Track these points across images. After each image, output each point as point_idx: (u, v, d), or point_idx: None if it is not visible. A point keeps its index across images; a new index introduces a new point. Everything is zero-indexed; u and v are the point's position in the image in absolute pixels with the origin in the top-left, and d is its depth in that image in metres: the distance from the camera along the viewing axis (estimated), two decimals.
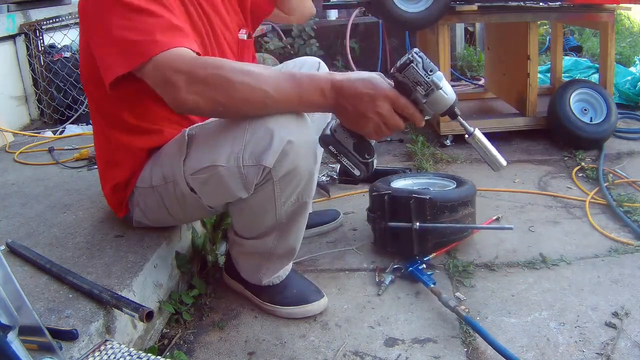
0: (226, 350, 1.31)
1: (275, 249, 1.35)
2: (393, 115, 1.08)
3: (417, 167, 2.37)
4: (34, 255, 1.30)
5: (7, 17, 3.00)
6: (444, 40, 2.55)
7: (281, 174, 1.16)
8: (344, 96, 1.07)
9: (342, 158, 1.15)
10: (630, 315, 1.34)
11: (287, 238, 1.33)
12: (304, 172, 1.19)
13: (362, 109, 1.07)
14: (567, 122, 2.47)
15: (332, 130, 1.14)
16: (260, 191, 1.20)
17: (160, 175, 1.30)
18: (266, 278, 1.41)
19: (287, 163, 1.14)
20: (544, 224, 1.85)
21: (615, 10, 2.57)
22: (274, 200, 1.22)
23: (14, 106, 3.06)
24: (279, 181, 1.18)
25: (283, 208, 1.24)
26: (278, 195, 1.21)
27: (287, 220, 1.28)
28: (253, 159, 1.14)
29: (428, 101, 1.08)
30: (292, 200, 1.23)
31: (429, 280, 1.48)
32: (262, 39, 4.79)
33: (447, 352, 1.26)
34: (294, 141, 1.13)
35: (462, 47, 4.49)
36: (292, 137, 1.12)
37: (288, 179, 1.18)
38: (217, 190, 1.21)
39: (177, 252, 1.47)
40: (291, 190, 1.21)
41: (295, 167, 1.16)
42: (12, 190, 1.87)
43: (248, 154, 1.14)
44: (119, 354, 1.01)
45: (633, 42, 4.71)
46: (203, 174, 1.20)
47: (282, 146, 1.12)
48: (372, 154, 1.15)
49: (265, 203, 1.23)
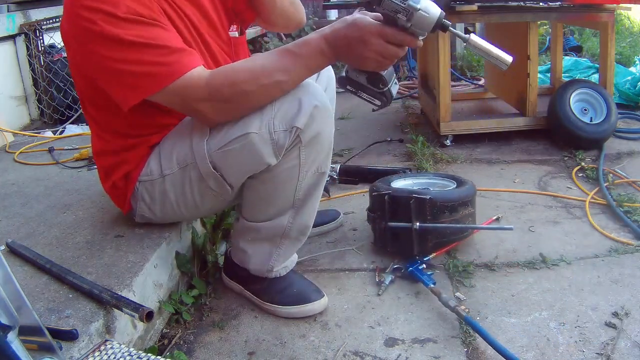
0: (226, 350, 1.31)
1: (290, 229, 1.36)
2: (387, 46, 1.14)
3: (417, 167, 2.37)
4: (34, 255, 1.30)
5: (7, 17, 3.00)
6: (444, 40, 2.55)
7: (308, 137, 1.22)
8: (339, 47, 1.17)
9: (361, 93, 1.24)
10: (630, 315, 1.34)
11: (302, 214, 1.35)
12: (326, 139, 1.27)
13: (357, 52, 1.15)
14: (567, 122, 2.47)
15: (346, 72, 1.24)
16: (287, 157, 1.24)
17: (173, 161, 1.30)
18: (276, 266, 1.41)
19: (314, 127, 1.22)
20: (544, 224, 1.85)
21: (615, 10, 2.57)
22: (299, 168, 1.26)
23: (14, 106, 3.06)
24: (305, 146, 1.24)
25: (305, 179, 1.29)
26: (302, 162, 1.26)
27: (304, 195, 1.32)
28: (284, 124, 1.20)
29: (412, 24, 1.13)
30: (313, 169, 1.29)
31: (429, 280, 1.48)
32: (262, 39, 4.79)
33: (447, 352, 1.26)
34: (319, 105, 1.21)
35: (462, 47, 4.49)
36: (317, 102, 1.21)
37: (313, 144, 1.24)
38: (246, 159, 1.24)
39: (177, 252, 1.48)
40: (314, 157, 1.27)
41: (319, 132, 1.24)
42: (12, 190, 1.87)
43: (278, 121, 1.20)
44: (119, 354, 1.01)
45: (633, 42, 4.71)
46: (233, 145, 1.22)
47: (310, 109, 1.19)
48: (386, 83, 1.23)
49: (290, 171, 1.27)
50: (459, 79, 3.98)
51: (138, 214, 1.42)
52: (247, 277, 1.46)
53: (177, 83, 1.14)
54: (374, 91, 1.24)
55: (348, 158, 2.53)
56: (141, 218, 1.43)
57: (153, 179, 1.33)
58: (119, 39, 1.11)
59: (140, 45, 1.12)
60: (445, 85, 2.60)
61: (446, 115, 2.64)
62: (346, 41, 1.15)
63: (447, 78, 2.61)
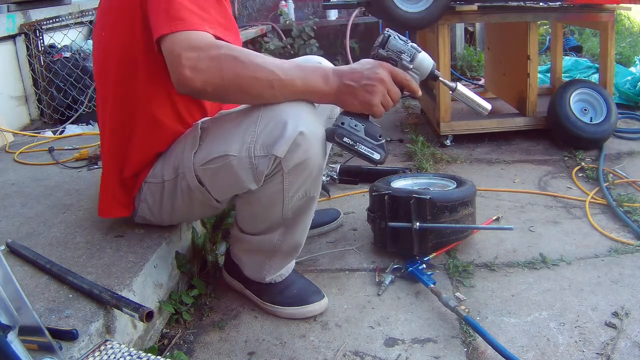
0: (226, 350, 1.31)
1: (281, 246, 1.35)
2: (393, 85, 1.16)
3: (417, 167, 2.37)
4: (34, 255, 1.30)
5: (7, 17, 3.00)
6: (444, 40, 2.55)
7: (292, 165, 1.16)
8: (345, 76, 1.15)
9: (359, 146, 1.19)
10: (630, 315, 1.34)
11: (293, 234, 1.33)
12: (314, 165, 1.19)
13: (365, 80, 1.14)
14: (567, 122, 2.48)
15: (340, 123, 1.18)
16: (269, 183, 1.20)
17: (171, 168, 1.30)
18: (269, 275, 1.41)
19: (299, 154, 1.15)
20: (544, 224, 1.85)
21: (615, 10, 2.57)
22: (282, 193, 1.22)
23: (14, 106, 3.06)
24: (288, 173, 1.18)
25: (290, 203, 1.24)
26: (287, 188, 1.21)
27: (293, 215, 1.28)
28: (265, 149, 1.15)
29: (414, 66, 1.18)
30: (299, 194, 1.23)
31: (429, 280, 1.48)
32: (262, 39, 4.79)
33: (447, 352, 1.26)
34: (305, 132, 1.13)
35: (462, 47, 4.49)
36: (304, 127, 1.13)
37: (298, 171, 1.18)
38: (227, 181, 1.22)
39: (177, 252, 1.48)
40: (300, 183, 1.21)
41: (306, 159, 1.17)
42: (12, 190, 1.87)
43: (260, 145, 1.15)
44: (119, 354, 1.01)
45: (633, 42, 4.71)
46: (214, 164, 1.20)
47: (294, 136, 1.13)
48: (382, 134, 1.21)
49: (273, 196, 1.23)
50: (459, 79, 3.98)
51: (139, 215, 1.42)
52: (247, 277, 1.46)
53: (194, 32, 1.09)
54: (372, 144, 1.19)
55: (348, 158, 2.53)
56: (141, 219, 1.43)
57: (156, 182, 1.34)
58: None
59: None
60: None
61: (446, 115, 2.64)
62: (354, 70, 1.15)
63: (447, 78, 2.60)
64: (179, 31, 1.08)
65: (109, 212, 1.42)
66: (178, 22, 1.08)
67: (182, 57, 1.06)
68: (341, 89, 1.15)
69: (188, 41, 1.07)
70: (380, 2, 2.39)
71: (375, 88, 1.14)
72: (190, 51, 1.07)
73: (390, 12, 2.38)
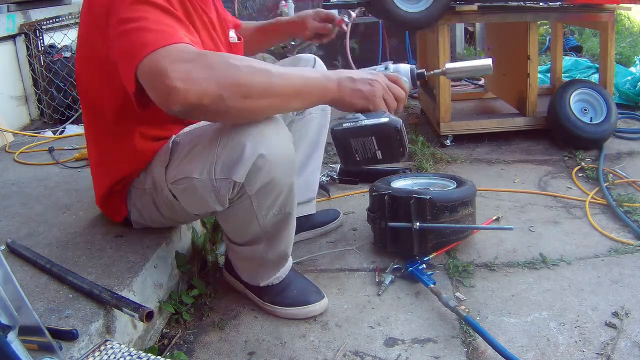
0: (226, 350, 1.31)
1: (267, 256, 1.35)
2: (391, 83, 1.16)
3: (417, 167, 2.37)
4: (34, 255, 1.30)
5: (7, 17, 3.00)
6: (444, 40, 2.55)
7: (256, 188, 1.15)
8: (344, 72, 1.14)
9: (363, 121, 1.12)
10: (630, 315, 1.34)
11: (276, 246, 1.32)
12: (283, 184, 1.17)
13: (364, 76, 1.14)
14: (567, 122, 2.47)
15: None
16: (238, 205, 1.19)
17: (150, 179, 1.30)
18: (264, 281, 1.41)
19: (262, 177, 1.13)
20: (544, 224, 1.85)
21: (615, 10, 2.57)
22: (254, 214, 1.21)
23: (14, 106, 3.06)
24: (255, 195, 1.16)
25: (266, 219, 1.23)
26: (257, 208, 1.20)
27: (273, 229, 1.27)
28: (225, 172, 1.12)
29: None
30: (274, 211, 1.22)
31: (429, 280, 1.47)
32: None
33: (447, 352, 1.26)
34: (266, 154, 1.10)
35: (462, 47, 4.49)
36: (264, 150, 1.10)
37: (265, 192, 1.17)
38: (195, 201, 1.21)
39: (177, 252, 1.47)
40: (271, 202, 1.19)
41: (271, 180, 1.14)
42: (12, 190, 1.87)
43: (220, 167, 1.12)
44: (119, 354, 1.01)
45: (633, 42, 4.71)
46: (180, 185, 1.20)
47: (253, 160, 1.10)
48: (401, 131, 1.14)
49: (245, 215, 1.22)
50: (459, 79, 3.97)
51: (133, 220, 1.43)
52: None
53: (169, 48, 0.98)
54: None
55: None
56: (136, 224, 1.44)
57: (141, 189, 1.34)
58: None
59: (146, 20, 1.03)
60: (445, 85, 2.60)
61: (446, 115, 2.64)
62: (350, 71, 1.15)
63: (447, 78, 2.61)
64: (157, 49, 0.97)
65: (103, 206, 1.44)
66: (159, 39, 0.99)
67: (169, 69, 0.95)
68: (342, 82, 1.12)
69: (172, 54, 0.97)
70: (380, 2, 2.39)
71: (375, 83, 1.14)
72: (178, 62, 0.96)
73: (390, 12, 2.38)
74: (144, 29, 1.01)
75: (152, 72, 0.97)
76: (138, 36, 1.00)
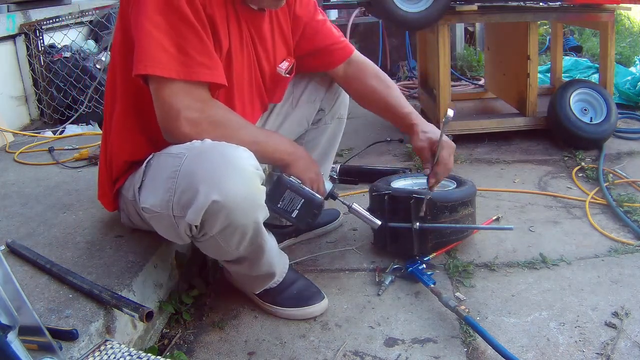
0: (226, 350, 1.31)
1: (252, 273, 1.34)
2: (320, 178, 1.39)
3: (417, 167, 2.37)
4: (34, 255, 1.30)
5: (7, 17, 3.00)
6: (444, 40, 2.55)
7: (216, 230, 1.12)
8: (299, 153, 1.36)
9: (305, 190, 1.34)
10: (630, 315, 1.34)
11: (258, 266, 1.31)
12: (245, 225, 1.14)
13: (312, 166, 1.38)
14: (567, 122, 2.47)
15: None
16: (205, 241, 1.18)
17: (132, 192, 1.29)
18: (258, 289, 1.41)
19: (220, 221, 1.10)
20: (544, 224, 1.85)
21: (615, 10, 2.57)
22: (223, 248, 1.19)
23: (14, 106, 3.06)
24: (218, 235, 1.14)
25: (238, 251, 1.21)
26: (224, 245, 1.18)
27: (250, 255, 1.26)
28: (181, 210, 1.10)
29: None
30: (244, 244, 1.19)
31: (429, 280, 1.47)
32: None
33: (447, 352, 1.26)
34: (220, 200, 1.06)
35: (462, 47, 4.49)
36: (217, 195, 1.05)
37: (228, 233, 1.14)
38: (162, 230, 1.22)
39: (177, 252, 1.48)
40: (237, 240, 1.17)
41: (230, 223, 1.11)
42: (12, 190, 1.87)
43: (177, 204, 1.11)
44: (119, 354, 1.01)
45: (633, 42, 4.71)
46: (147, 213, 1.20)
47: (206, 206, 1.06)
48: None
49: (216, 250, 1.22)
50: (459, 79, 3.97)
51: (123, 222, 1.44)
52: None
53: (191, 83, 1.14)
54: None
55: (348, 158, 2.53)
56: (127, 225, 1.45)
57: (126, 196, 1.34)
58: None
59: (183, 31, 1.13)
60: (445, 85, 2.60)
61: None
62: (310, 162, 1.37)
63: (447, 78, 2.61)
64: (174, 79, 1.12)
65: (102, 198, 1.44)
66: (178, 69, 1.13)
67: (182, 114, 1.13)
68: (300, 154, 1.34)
69: (187, 98, 1.14)
70: (380, 2, 2.39)
71: (317, 169, 1.38)
72: (190, 110, 1.14)
73: (390, 12, 2.38)
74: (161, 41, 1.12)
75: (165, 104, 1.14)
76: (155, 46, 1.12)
